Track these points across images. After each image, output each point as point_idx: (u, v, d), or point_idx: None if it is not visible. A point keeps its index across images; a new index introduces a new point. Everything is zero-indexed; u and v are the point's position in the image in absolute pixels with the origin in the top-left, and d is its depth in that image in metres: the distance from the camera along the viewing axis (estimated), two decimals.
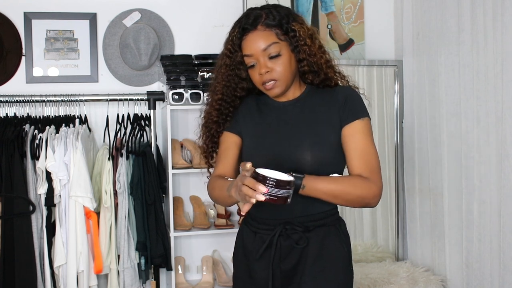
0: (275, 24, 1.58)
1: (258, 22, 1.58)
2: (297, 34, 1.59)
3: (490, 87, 2.49)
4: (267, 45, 1.57)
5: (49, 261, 2.68)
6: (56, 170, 2.62)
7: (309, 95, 1.67)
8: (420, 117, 3.05)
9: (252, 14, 1.61)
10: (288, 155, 1.59)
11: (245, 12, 1.66)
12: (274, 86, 1.60)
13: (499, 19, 2.40)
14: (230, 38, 1.64)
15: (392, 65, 3.25)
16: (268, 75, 1.58)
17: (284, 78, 1.60)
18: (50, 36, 3.01)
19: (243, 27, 1.60)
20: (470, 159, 2.62)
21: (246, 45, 1.60)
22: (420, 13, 3.02)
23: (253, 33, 1.58)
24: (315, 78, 1.66)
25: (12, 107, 2.86)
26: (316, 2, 3.28)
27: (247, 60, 1.62)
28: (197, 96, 2.85)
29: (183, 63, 2.96)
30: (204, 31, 3.17)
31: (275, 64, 1.58)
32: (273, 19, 1.58)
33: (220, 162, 1.71)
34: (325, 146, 1.59)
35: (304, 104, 1.66)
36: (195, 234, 3.00)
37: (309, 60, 1.61)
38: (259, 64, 1.59)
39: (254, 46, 1.58)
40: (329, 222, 1.65)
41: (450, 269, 2.83)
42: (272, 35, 1.57)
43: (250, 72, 1.63)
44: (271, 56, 1.57)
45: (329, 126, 1.61)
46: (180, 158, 2.95)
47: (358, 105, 1.63)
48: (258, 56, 1.58)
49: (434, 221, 2.96)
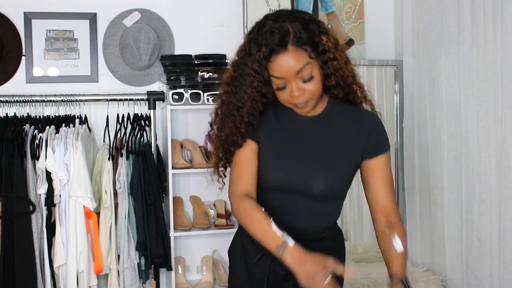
0: (305, 41, 1.45)
1: (287, 41, 1.43)
2: (326, 49, 1.48)
3: (490, 87, 2.48)
4: (300, 67, 1.45)
5: (49, 261, 2.69)
6: (56, 170, 2.62)
7: (332, 112, 1.61)
8: (420, 117, 3.05)
9: (276, 30, 1.45)
10: (301, 177, 1.56)
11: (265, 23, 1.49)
12: (306, 106, 1.52)
13: (499, 19, 2.40)
14: (256, 57, 1.47)
15: (392, 65, 3.25)
16: (301, 98, 1.49)
17: (315, 97, 1.52)
18: (50, 36, 3.01)
19: (271, 47, 1.44)
20: (470, 159, 2.62)
21: (276, 68, 1.46)
22: (420, 13, 3.01)
23: (284, 54, 1.44)
24: (339, 92, 1.59)
25: (12, 107, 2.86)
26: (316, 2, 3.28)
27: (276, 82, 1.49)
28: (197, 96, 2.85)
29: (183, 63, 2.96)
30: (204, 31, 3.17)
31: (307, 85, 1.48)
32: (302, 35, 1.45)
33: (244, 175, 1.61)
34: (339, 176, 1.58)
35: (326, 124, 1.60)
36: (195, 234, 3.00)
37: (336, 75, 1.53)
38: (291, 86, 1.48)
39: (286, 69, 1.45)
40: (327, 236, 1.66)
41: (450, 269, 2.83)
42: (304, 55, 1.45)
43: (278, 93, 1.52)
44: (304, 80, 1.47)
45: (347, 156, 1.59)
46: (180, 158, 2.95)
47: (383, 138, 1.63)
48: (290, 78, 1.47)
49: (434, 221, 2.96)
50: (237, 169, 1.63)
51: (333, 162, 1.57)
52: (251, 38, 1.51)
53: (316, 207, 1.60)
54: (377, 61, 3.24)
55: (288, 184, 1.57)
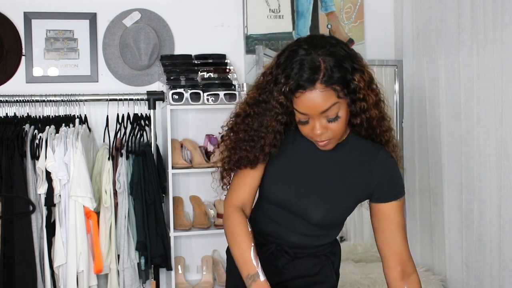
0: (336, 80, 1.35)
1: (317, 79, 1.34)
2: (356, 89, 1.39)
3: (490, 87, 2.48)
4: (327, 107, 1.36)
5: (49, 261, 2.68)
6: (56, 170, 2.62)
7: (349, 147, 1.55)
8: (420, 117, 3.05)
9: (307, 63, 1.35)
10: (300, 202, 1.53)
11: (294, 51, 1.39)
12: (328, 144, 1.46)
13: (499, 19, 2.40)
14: (282, 90, 1.39)
15: (392, 65, 3.25)
16: (323, 136, 1.42)
17: (338, 137, 1.46)
18: (50, 36, 3.01)
19: (298, 82, 1.35)
20: (470, 159, 2.62)
21: (301, 104, 1.37)
22: (420, 13, 3.01)
23: (311, 92, 1.35)
24: (362, 131, 1.53)
25: (12, 107, 2.86)
26: (316, 2, 3.28)
27: (299, 116, 1.42)
28: (197, 96, 2.85)
29: (183, 63, 2.96)
30: (204, 31, 3.17)
31: (332, 124, 1.40)
32: (334, 73, 1.35)
33: (245, 187, 1.57)
34: (338, 210, 1.54)
35: (340, 157, 1.54)
36: (195, 234, 3.00)
37: (362, 116, 1.45)
38: (314, 123, 1.40)
39: (311, 107, 1.37)
40: (321, 251, 1.64)
41: (450, 269, 2.83)
42: (332, 94, 1.36)
43: (301, 126, 1.45)
44: (329, 119, 1.39)
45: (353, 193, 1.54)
46: (180, 158, 2.95)
47: (398, 186, 1.55)
48: (314, 116, 1.39)
49: (434, 221, 2.96)
50: (240, 178, 1.58)
51: (336, 196, 1.53)
52: (279, 63, 1.42)
53: (312, 231, 1.58)
54: (377, 61, 3.24)
55: (288, 206, 1.55)
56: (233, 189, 1.59)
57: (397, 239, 1.53)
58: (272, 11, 3.22)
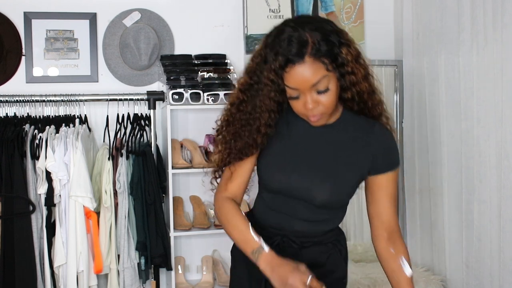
0: (324, 53, 1.38)
1: (305, 52, 1.37)
2: (345, 62, 1.42)
3: (490, 87, 2.49)
4: (316, 80, 1.39)
5: (49, 261, 2.68)
6: (56, 170, 2.62)
7: (344, 124, 1.57)
8: (420, 117, 3.05)
9: (295, 39, 1.39)
10: (303, 184, 1.54)
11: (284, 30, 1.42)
12: (319, 118, 1.48)
13: (499, 19, 2.40)
14: (273, 66, 1.42)
15: (392, 65, 3.25)
16: (315, 110, 1.44)
17: (329, 110, 1.48)
18: (50, 36, 3.01)
19: (288, 57, 1.38)
20: (470, 159, 2.62)
21: (292, 79, 1.40)
22: (420, 13, 3.02)
23: (300, 66, 1.38)
24: (354, 106, 1.55)
25: (12, 107, 2.86)
26: (316, 2, 3.28)
27: (290, 92, 1.44)
28: (197, 96, 2.85)
29: (183, 63, 2.96)
30: (204, 31, 3.17)
31: (322, 97, 1.42)
32: (322, 46, 1.38)
33: (235, 179, 1.60)
34: (342, 188, 1.55)
35: (337, 135, 1.56)
36: (195, 234, 3.00)
37: (352, 89, 1.47)
38: (305, 98, 1.43)
39: (301, 81, 1.40)
40: (327, 239, 1.64)
41: (450, 269, 2.83)
42: (321, 67, 1.39)
43: (292, 103, 1.48)
44: (319, 91, 1.41)
45: (353, 169, 1.55)
46: (180, 158, 2.95)
47: (393, 156, 1.59)
48: (305, 90, 1.41)
49: (434, 221, 2.96)
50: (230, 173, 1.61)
51: (338, 173, 1.54)
52: (267, 43, 1.45)
53: (316, 215, 1.58)
54: (377, 61, 3.23)
55: (290, 190, 1.55)
56: (223, 182, 1.63)
57: (388, 210, 1.58)
58: (272, 11, 3.22)
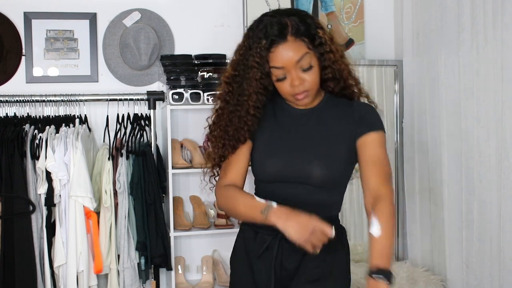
0: (303, 33, 1.52)
1: (287, 33, 1.50)
2: (323, 41, 1.54)
3: (490, 87, 2.49)
4: (300, 57, 1.51)
5: (49, 261, 2.68)
6: (56, 170, 2.62)
7: (327, 105, 1.65)
8: (420, 117, 3.05)
9: (275, 23, 1.51)
10: (298, 164, 1.58)
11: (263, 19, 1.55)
12: (306, 96, 1.57)
13: (499, 19, 2.40)
14: (257, 49, 1.52)
15: (392, 65, 3.25)
16: (301, 87, 1.54)
17: (315, 88, 1.57)
18: (50, 36, 3.01)
19: (271, 38, 1.50)
20: (470, 159, 2.62)
21: (277, 58, 1.51)
22: (420, 13, 3.02)
23: (284, 45, 1.50)
24: (336, 86, 1.63)
25: (12, 107, 2.86)
26: (316, 2, 3.28)
27: (276, 72, 1.54)
28: (197, 96, 2.85)
29: (183, 63, 2.96)
30: (204, 31, 3.17)
31: (307, 75, 1.53)
32: (300, 27, 1.51)
33: (232, 168, 1.66)
34: (335, 162, 1.59)
35: (321, 115, 1.64)
36: (195, 234, 3.00)
37: (332, 67, 1.58)
38: (291, 76, 1.53)
39: (286, 59, 1.51)
40: None
41: (450, 269, 2.83)
42: (303, 45, 1.51)
43: (279, 84, 1.57)
44: (304, 69, 1.52)
45: (342, 141, 1.60)
46: (180, 158, 2.95)
47: (374, 119, 1.63)
48: (290, 68, 1.52)
49: (434, 221, 2.96)
50: (227, 164, 1.67)
51: (329, 148, 1.59)
52: (250, 35, 1.56)
53: (315, 196, 1.60)
54: (377, 61, 3.24)
55: (286, 174, 1.58)
56: (222, 174, 1.68)
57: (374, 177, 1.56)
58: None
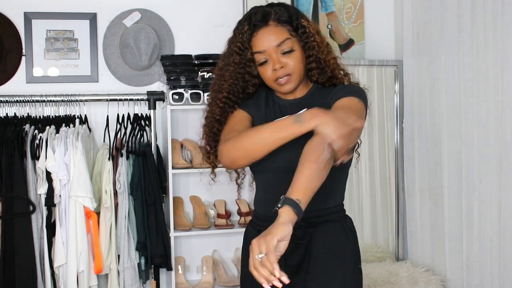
0: (286, 20, 1.58)
1: (269, 19, 1.57)
2: (306, 31, 1.59)
3: (490, 87, 2.49)
4: (280, 41, 1.56)
5: (49, 261, 2.69)
6: (56, 170, 2.62)
7: (314, 95, 1.66)
8: (420, 117, 3.05)
9: (259, 11, 1.59)
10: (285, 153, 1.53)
11: (250, 11, 1.63)
12: (288, 81, 1.58)
13: (499, 19, 2.40)
14: (240, 35, 1.60)
15: (392, 65, 3.25)
16: (282, 71, 1.57)
17: (297, 72, 1.59)
18: (50, 36, 3.01)
19: (253, 23, 1.58)
20: (470, 159, 2.62)
21: (258, 42, 1.58)
22: (420, 13, 3.02)
23: (265, 29, 1.57)
24: (321, 76, 1.64)
25: (12, 107, 2.86)
26: (316, 2, 3.28)
27: (259, 57, 1.59)
28: (197, 96, 2.85)
29: (183, 63, 2.96)
30: (204, 31, 3.17)
31: (288, 59, 1.56)
32: (283, 15, 1.58)
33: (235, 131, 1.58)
34: None
35: (308, 104, 1.61)
36: (195, 234, 3.00)
37: (317, 56, 1.60)
38: (272, 60, 1.57)
39: (267, 42, 1.56)
40: (334, 218, 1.64)
41: (450, 269, 2.83)
42: (284, 31, 1.57)
43: (261, 69, 1.61)
44: (284, 52, 1.56)
45: None
46: (180, 158, 2.95)
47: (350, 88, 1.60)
48: (271, 52, 1.57)
49: (434, 221, 2.96)
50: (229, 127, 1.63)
51: None
52: (237, 26, 1.64)
53: None
54: (377, 61, 3.24)
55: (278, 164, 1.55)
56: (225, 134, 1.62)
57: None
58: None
